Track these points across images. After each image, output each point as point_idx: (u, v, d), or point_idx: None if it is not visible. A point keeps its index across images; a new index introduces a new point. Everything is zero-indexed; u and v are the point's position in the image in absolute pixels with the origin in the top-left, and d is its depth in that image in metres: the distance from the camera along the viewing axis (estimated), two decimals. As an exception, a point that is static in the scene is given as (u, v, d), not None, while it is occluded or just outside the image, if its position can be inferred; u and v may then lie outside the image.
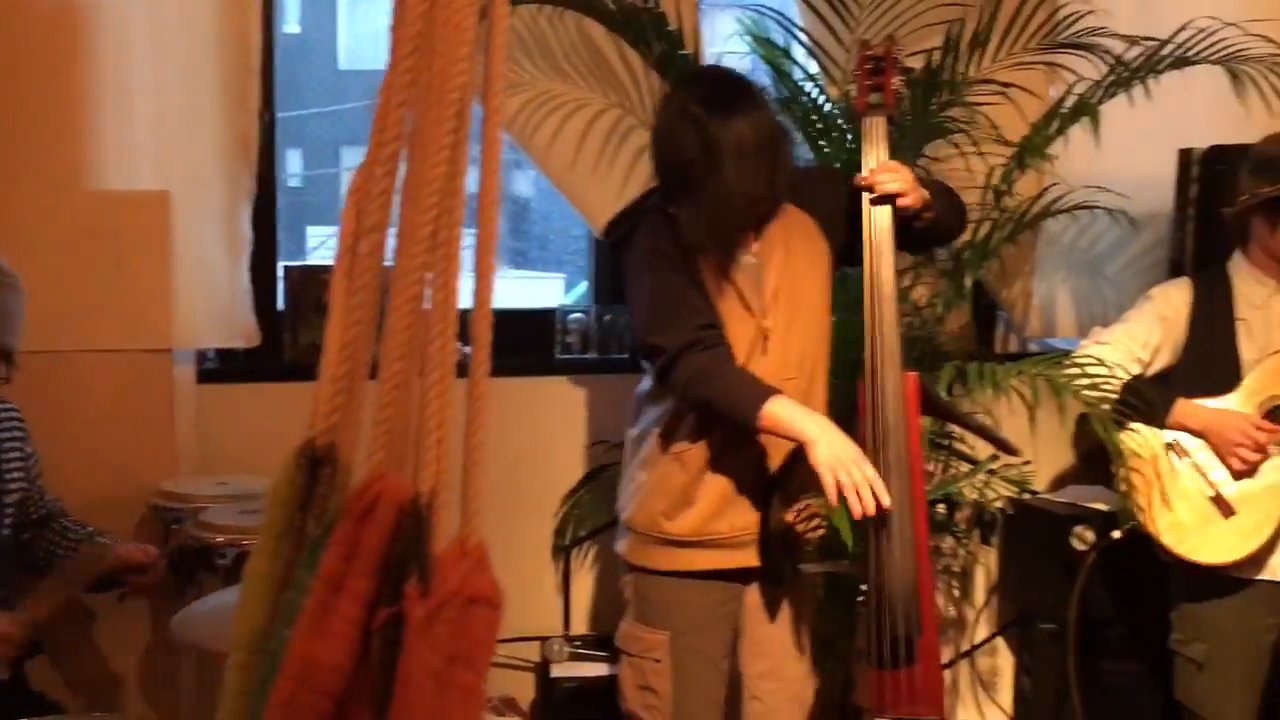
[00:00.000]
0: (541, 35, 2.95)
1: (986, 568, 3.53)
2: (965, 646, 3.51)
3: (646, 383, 2.34)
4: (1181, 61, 2.81)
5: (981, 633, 3.52)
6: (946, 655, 3.50)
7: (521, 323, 3.22)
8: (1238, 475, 2.62)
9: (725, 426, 2.21)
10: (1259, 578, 2.63)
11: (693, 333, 2.15)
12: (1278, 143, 2.61)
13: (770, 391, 2.12)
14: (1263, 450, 2.58)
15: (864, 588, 2.27)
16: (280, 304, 3.02)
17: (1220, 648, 2.68)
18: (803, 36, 2.92)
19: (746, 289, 2.22)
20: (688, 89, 2.22)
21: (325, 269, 3.04)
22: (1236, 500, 2.61)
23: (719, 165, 2.09)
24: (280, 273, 3.01)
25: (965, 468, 3.17)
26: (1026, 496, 3.36)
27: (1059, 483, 3.52)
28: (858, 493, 2.05)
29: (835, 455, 2.06)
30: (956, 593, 3.50)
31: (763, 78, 2.90)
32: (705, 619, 2.33)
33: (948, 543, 3.41)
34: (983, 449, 3.29)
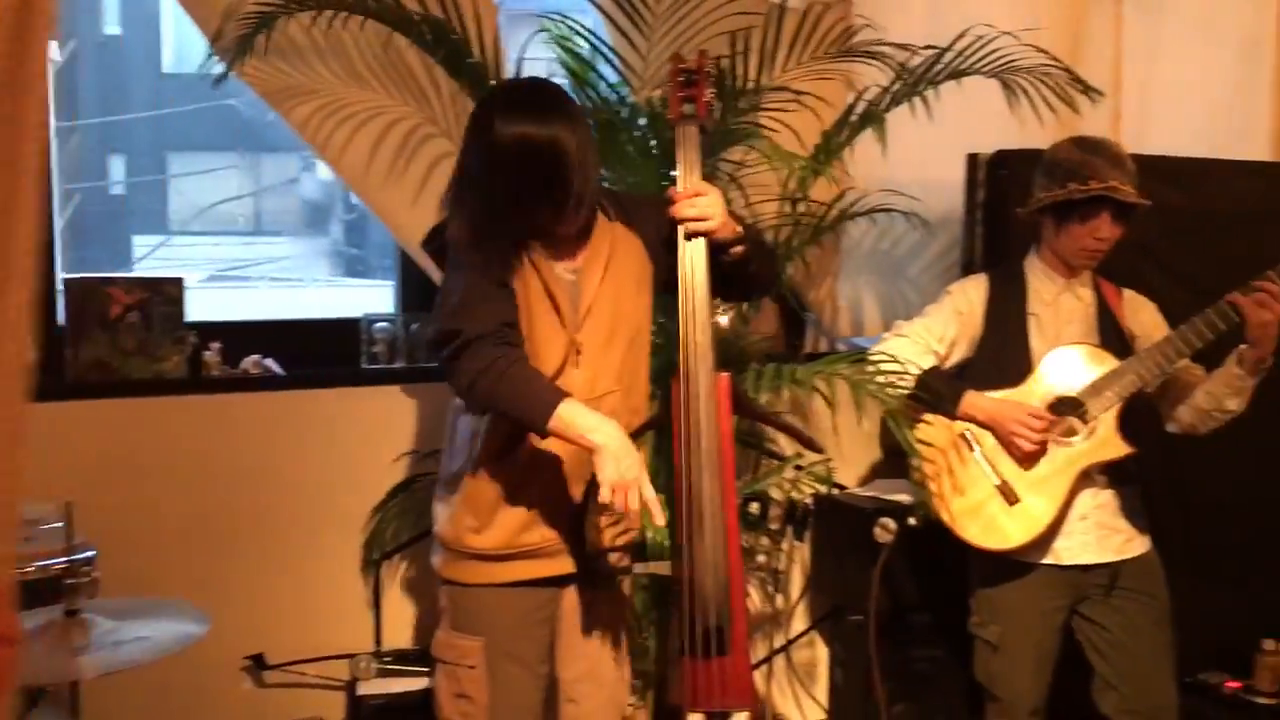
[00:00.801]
0: (339, 42, 2.87)
1: (801, 563, 3.59)
2: (782, 641, 3.55)
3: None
4: (959, 72, 2.89)
5: (797, 627, 3.57)
6: (763, 651, 3.54)
7: (326, 333, 3.13)
8: (1024, 464, 2.72)
9: (535, 445, 2.19)
10: (1045, 561, 2.72)
11: (494, 324, 2.12)
12: (1063, 149, 2.70)
13: (560, 395, 2.10)
14: (1040, 439, 2.68)
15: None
16: (61, 319, 2.85)
17: (1012, 629, 2.76)
18: (601, 45, 2.90)
19: (562, 302, 2.21)
20: (492, 95, 2.22)
21: (110, 281, 2.89)
22: (1021, 488, 2.70)
23: (493, 167, 2.09)
24: (60, 285, 2.84)
25: (777, 465, 3.23)
26: (835, 492, 3.44)
27: (870, 477, 3.60)
28: (633, 509, 2.07)
29: (619, 474, 2.05)
30: (771, 589, 3.54)
31: (566, 85, 2.88)
32: (521, 624, 2.31)
33: (763, 540, 3.46)
34: (791, 446, 3.36)
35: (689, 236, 2.21)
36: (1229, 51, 3.96)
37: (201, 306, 3.09)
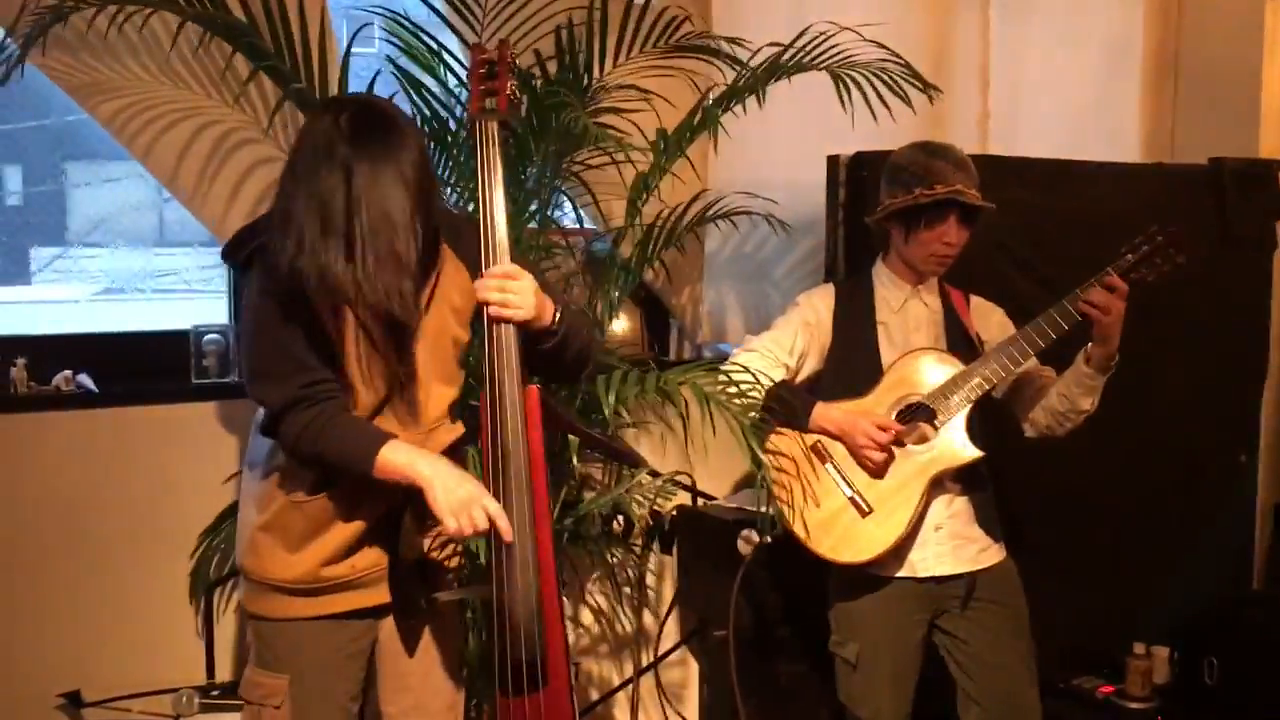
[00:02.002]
0: (154, 37, 2.67)
1: (669, 578, 3.45)
2: (648, 659, 3.41)
3: (262, 412, 2.11)
4: (800, 68, 2.78)
5: (666, 644, 3.43)
6: (629, 670, 3.40)
7: (153, 345, 2.92)
8: (875, 474, 2.60)
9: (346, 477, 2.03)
10: (901, 574, 2.62)
11: (297, 390, 1.97)
12: (906, 154, 2.63)
13: (381, 438, 1.98)
14: (887, 450, 2.58)
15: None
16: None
17: (870, 647, 2.65)
18: (436, 42, 2.74)
19: (379, 337, 2.01)
20: (331, 124, 1.91)
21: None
22: (873, 499, 2.60)
23: (365, 223, 1.86)
24: None
25: (643, 478, 3.09)
26: (701, 503, 3.31)
27: (741, 487, 3.47)
28: (481, 529, 1.95)
29: (454, 499, 1.94)
30: (636, 604, 3.40)
31: (398, 87, 2.72)
32: (330, 659, 2.13)
33: (626, 555, 3.32)
34: (651, 457, 3.22)
35: (494, 321, 2.04)
36: (1096, 53, 3.93)
37: (99, 320, 2.87)
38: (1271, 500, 3.78)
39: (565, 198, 3.02)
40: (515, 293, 2.03)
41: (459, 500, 1.93)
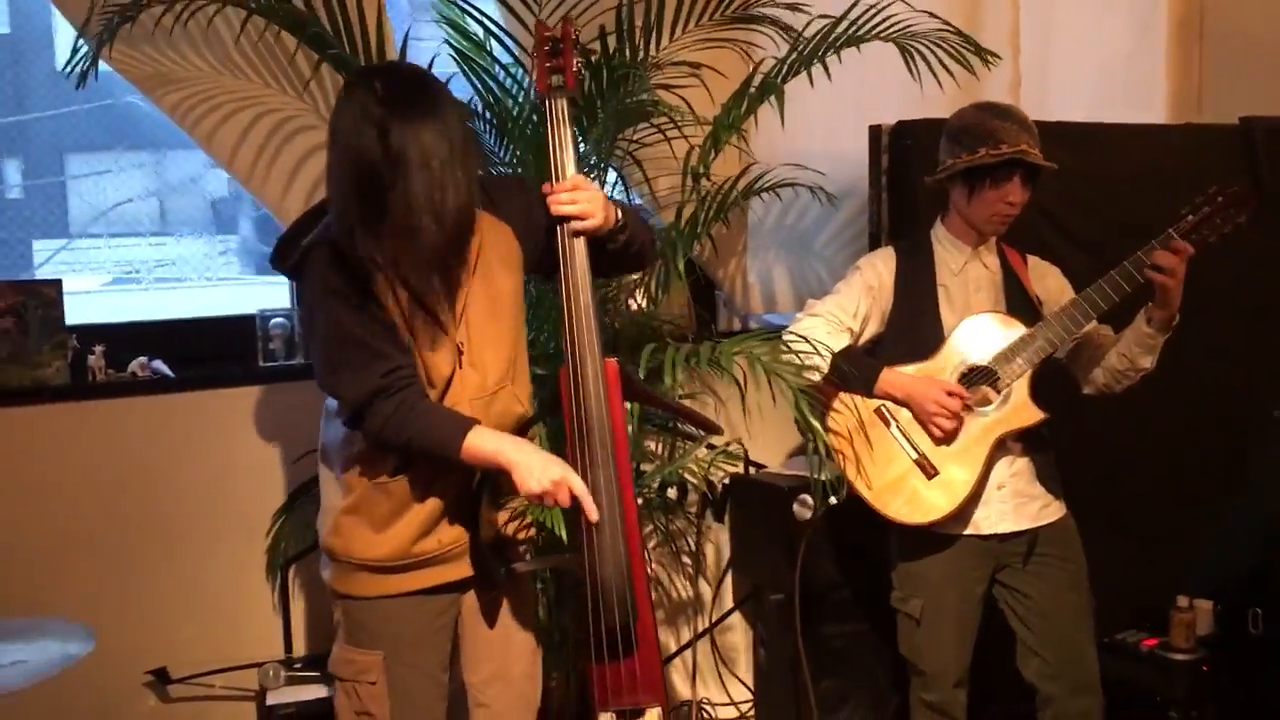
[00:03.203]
0: (215, 29, 2.70)
1: (720, 545, 3.51)
2: (704, 625, 3.47)
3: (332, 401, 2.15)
4: (855, 39, 2.80)
5: (721, 610, 3.49)
6: (687, 636, 3.46)
7: (219, 330, 2.97)
8: (941, 438, 2.65)
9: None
10: (965, 533, 2.66)
11: (376, 380, 1.99)
12: (971, 115, 2.63)
13: (465, 425, 2.02)
14: (957, 417, 2.61)
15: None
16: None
17: (934, 602, 2.70)
18: (490, 24, 2.77)
19: (437, 306, 2.05)
20: (365, 90, 1.92)
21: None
22: (939, 461, 2.63)
23: (406, 178, 1.87)
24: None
25: (700, 449, 3.13)
26: (753, 471, 3.36)
27: (793, 454, 3.52)
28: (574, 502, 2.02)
29: (540, 482, 1.99)
30: (693, 572, 3.46)
31: (455, 68, 2.75)
32: (421, 633, 2.18)
33: (679, 524, 3.37)
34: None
35: (572, 234, 2.09)
36: (1123, 15, 3.94)
37: (106, 310, 2.92)
38: (1308, 453, 3.81)
39: (619, 175, 3.05)
40: (587, 201, 2.08)
41: (544, 483, 1.99)
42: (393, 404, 2.00)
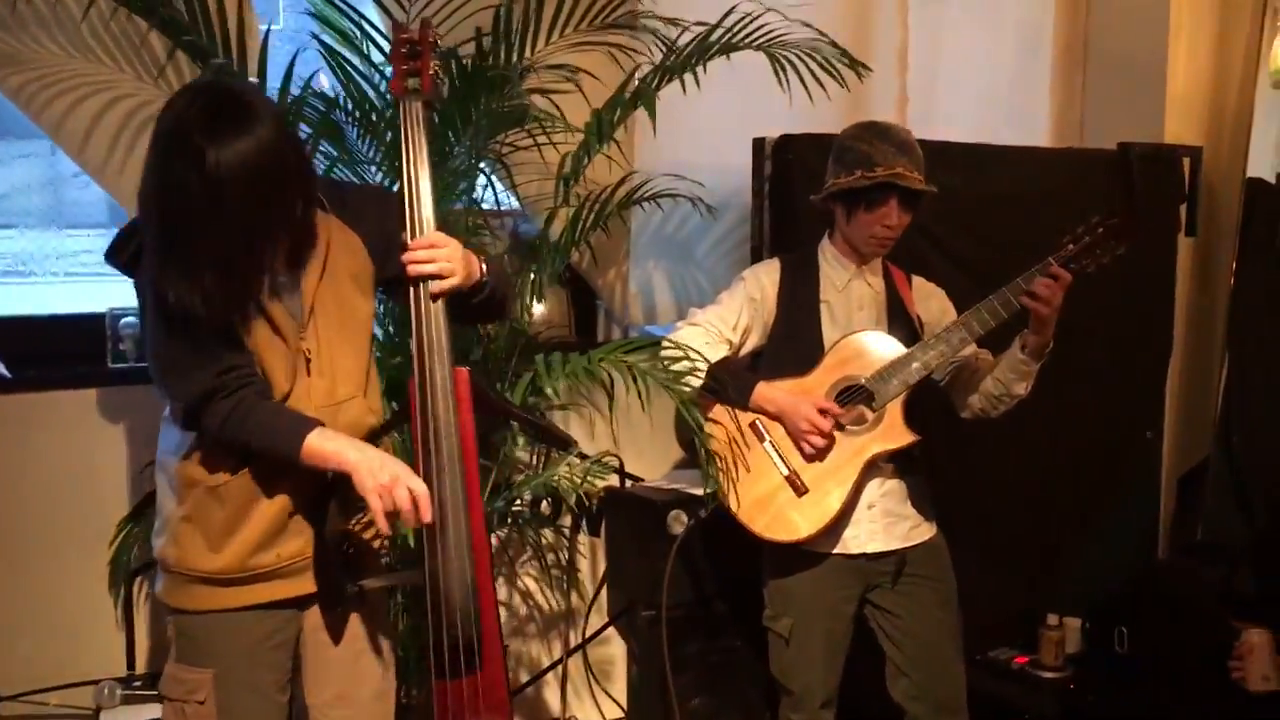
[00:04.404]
0: (66, 10, 2.55)
1: (596, 559, 3.43)
2: (577, 640, 3.39)
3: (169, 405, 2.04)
4: (729, 47, 2.75)
5: (594, 625, 3.41)
6: (559, 651, 3.38)
7: (66, 329, 2.81)
8: (815, 455, 2.60)
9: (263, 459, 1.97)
10: (834, 551, 2.62)
11: (211, 380, 1.91)
12: (851, 134, 2.61)
13: (306, 425, 1.93)
14: (828, 436, 2.57)
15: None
16: None
17: (803, 621, 2.66)
18: (361, 20, 2.66)
19: (277, 313, 1.96)
20: (180, 116, 1.82)
21: None
22: (809, 478, 2.59)
23: (214, 202, 1.77)
24: None
25: (572, 460, 3.05)
26: (629, 485, 3.29)
27: (670, 468, 3.45)
28: (407, 508, 1.92)
29: (378, 481, 1.91)
30: (565, 587, 3.38)
31: (321, 62, 2.64)
32: (255, 650, 2.06)
33: (553, 537, 3.29)
34: (581, 439, 3.19)
35: (430, 296, 2.00)
36: (1010, 37, 3.97)
37: (3, 303, 2.73)
38: (1175, 475, 3.88)
39: (489, 179, 2.97)
40: (446, 259, 1.99)
41: (381, 482, 1.90)
42: (230, 403, 1.91)
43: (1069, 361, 3.22)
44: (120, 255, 1.98)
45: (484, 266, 2.08)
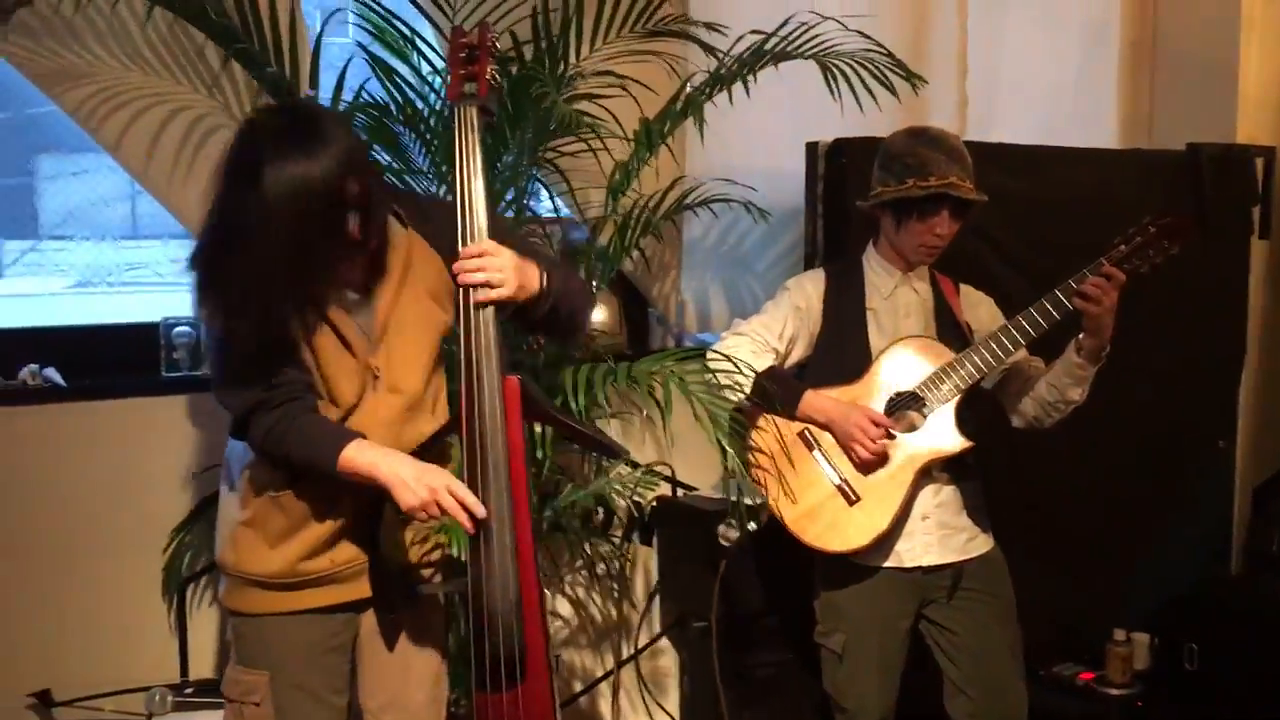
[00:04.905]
0: (123, 22, 2.58)
1: (649, 569, 3.41)
2: (630, 651, 3.36)
3: None
4: (781, 56, 2.72)
5: (646, 636, 3.39)
6: (611, 662, 3.36)
7: (121, 339, 2.85)
8: (866, 463, 2.55)
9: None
10: (887, 565, 2.57)
11: (260, 393, 1.93)
12: (901, 141, 2.56)
13: (343, 439, 1.93)
14: (879, 446, 2.51)
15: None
16: None
17: (857, 637, 2.61)
18: (407, 29, 2.67)
19: (348, 328, 1.98)
20: (250, 136, 1.87)
21: None
22: (861, 488, 2.55)
23: (271, 223, 1.80)
24: None
25: (623, 469, 3.03)
26: (681, 494, 3.27)
27: (724, 478, 3.42)
28: (457, 515, 1.93)
29: (419, 496, 1.91)
30: (617, 597, 3.35)
31: (370, 73, 2.65)
32: (311, 654, 2.08)
33: (605, 547, 3.27)
34: (632, 448, 3.17)
35: (477, 305, 1.98)
36: (1074, 38, 3.89)
37: (71, 314, 2.78)
38: (1249, 485, 3.76)
39: (541, 186, 2.96)
40: (496, 269, 1.97)
41: (422, 497, 1.90)
42: (274, 416, 1.93)
43: (1137, 368, 3.15)
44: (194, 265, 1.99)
45: (545, 280, 2.04)
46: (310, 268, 1.88)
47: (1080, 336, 2.51)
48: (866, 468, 2.54)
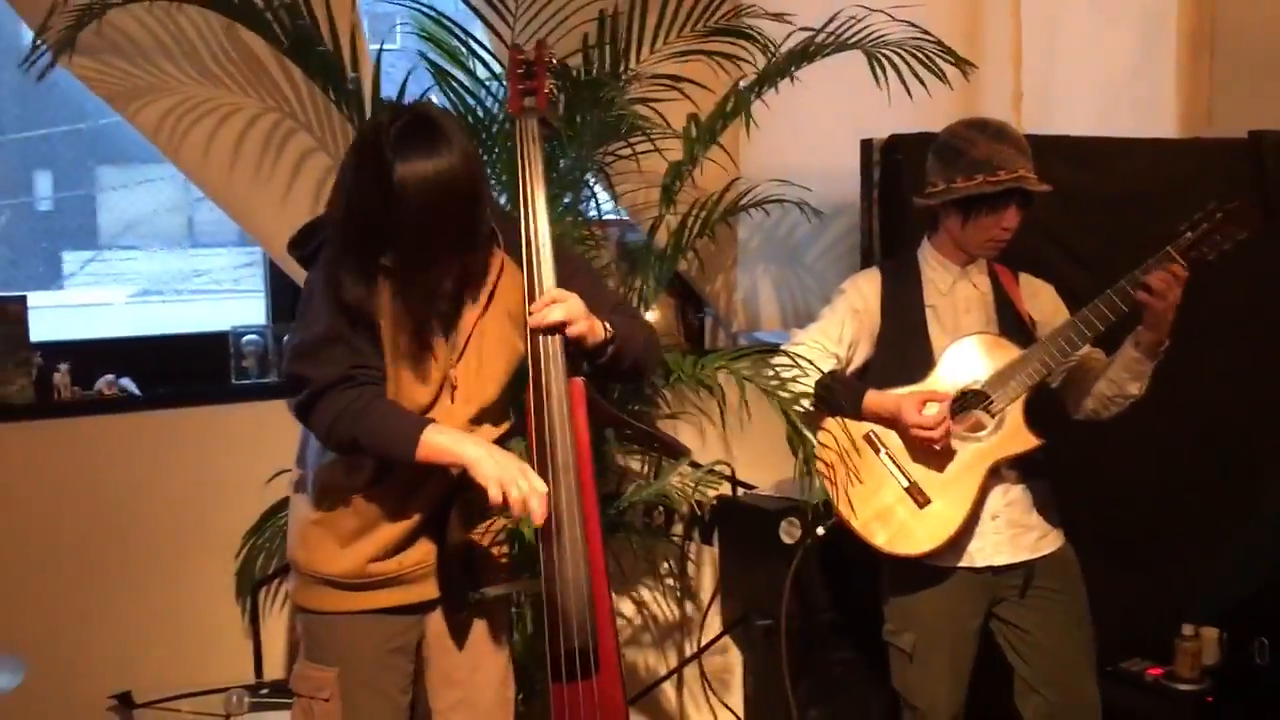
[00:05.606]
0: (184, 36, 2.65)
1: (711, 568, 3.43)
2: (693, 650, 3.39)
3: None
4: (833, 49, 2.72)
5: (710, 634, 3.41)
6: (674, 660, 3.39)
7: (191, 348, 2.92)
8: (932, 463, 2.54)
9: (400, 469, 2.03)
10: (959, 565, 2.56)
11: (346, 369, 1.97)
12: (964, 136, 2.53)
13: (425, 421, 1.98)
14: (940, 426, 2.49)
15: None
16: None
17: (927, 638, 2.60)
18: (469, 37, 2.72)
19: (434, 337, 2.04)
20: (377, 130, 1.93)
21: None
22: (930, 488, 2.54)
23: (401, 215, 1.86)
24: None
25: (684, 469, 3.06)
26: (742, 493, 3.29)
27: (785, 477, 3.43)
28: (527, 502, 1.93)
29: (499, 472, 1.93)
30: (679, 595, 3.38)
31: (432, 80, 2.70)
32: (378, 652, 2.14)
33: (665, 546, 3.30)
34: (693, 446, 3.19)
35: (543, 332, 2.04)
36: (1130, 27, 3.84)
37: (135, 323, 2.87)
38: (1318, 477, 3.71)
39: (596, 189, 3.00)
40: (565, 312, 2.02)
41: (506, 473, 1.92)
42: (351, 395, 1.96)
43: (1204, 361, 3.12)
44: (305, 246, 2.09)
45: (608, 328, 2.08)
46: (430, 262, 1.93)
47: (1139, 330, 2.50)
48: (936, 466, 2.53)
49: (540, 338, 2.04)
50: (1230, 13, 3.87)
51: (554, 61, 2.11)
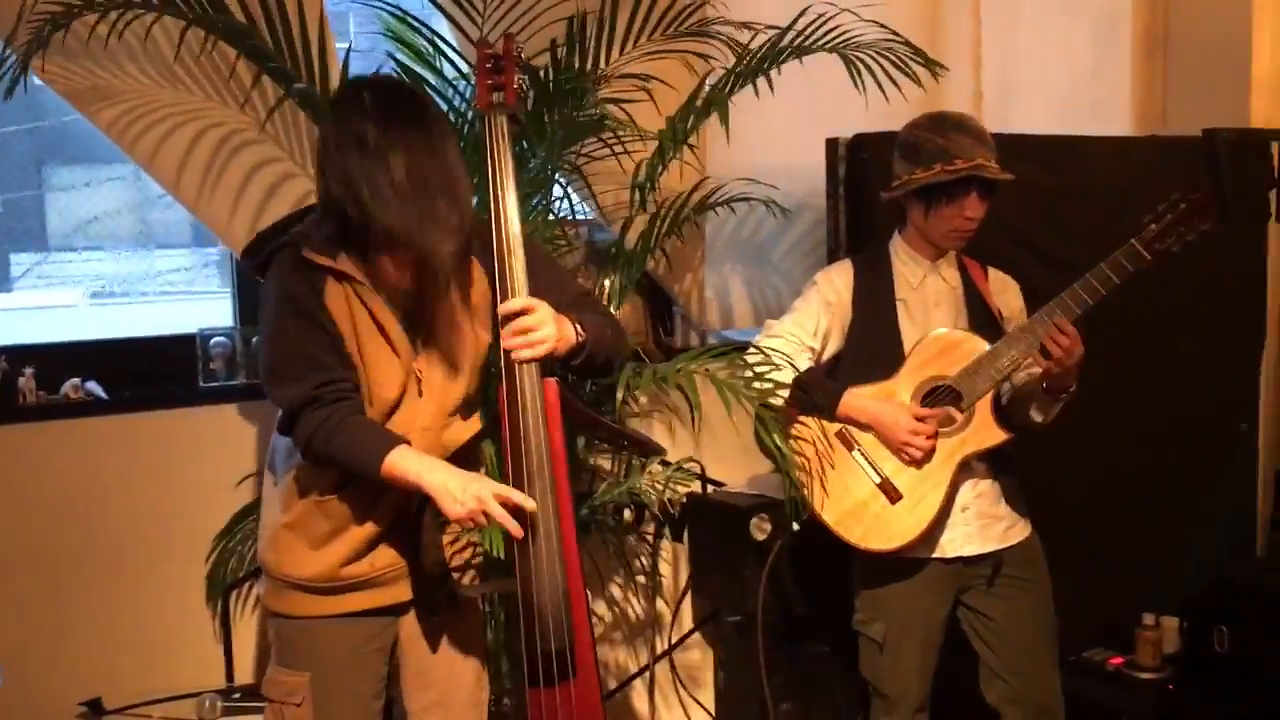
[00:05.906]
0: (153, 41, 2.63)
1: (680, 565, 3.45)
2: (663, 647, 3.41)
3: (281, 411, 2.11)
4: (800, 50, 2.75)
5: (680, 631, 3.43)
6: (645, 658, 3.40)
7: (157, 350, 2.89)
8: (904, 459, 2.58)
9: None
10: (930, 556, 2.60)
11: (311, 390, 1.97)
12: (924, 128, 2.57)
13: (389, 443, 1.98)
14: (930, 444, 2.54)
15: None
16: None
17: (897, 628, 2.64)
18: (435, 38, 2.72)
19: (394, 331, 2.03)
20: (357, 98, 1.95)
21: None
22: (903, 485, 2.57)
23: (383, 191, 1.87)
24: None
25: (654, 467, 3.08)
26: (712, 490, 3.31)
27: (754, 474, 3.46)
28: (504, 524, 1.96)
29: (465, 506, 1.94)
30: (650, 593, 3.40)
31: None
32: (351, 656, 2.13)
33: (636, 543, 3.32)
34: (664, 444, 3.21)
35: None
36: (1087, 26, 3.91)
37: (88, 326, 2.83)
38: (1273, 468, 3.79)
39: (565, 189, 3.01)
40: (536, 327, 2.03)
41: (468, 506, 1.93)
42: (322, 415, 1.97)
43: (1156, 353, 3.18)
44: (258, 253, 2.08)
45: (579, 328, 2.09)
46: (425, 230, 1.90)
47: (1047, 374, 2.52)
48: (909, 464, 2.57)
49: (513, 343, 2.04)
50: (1182, 13, 3.94)
51: (521, 56, 2.11)
